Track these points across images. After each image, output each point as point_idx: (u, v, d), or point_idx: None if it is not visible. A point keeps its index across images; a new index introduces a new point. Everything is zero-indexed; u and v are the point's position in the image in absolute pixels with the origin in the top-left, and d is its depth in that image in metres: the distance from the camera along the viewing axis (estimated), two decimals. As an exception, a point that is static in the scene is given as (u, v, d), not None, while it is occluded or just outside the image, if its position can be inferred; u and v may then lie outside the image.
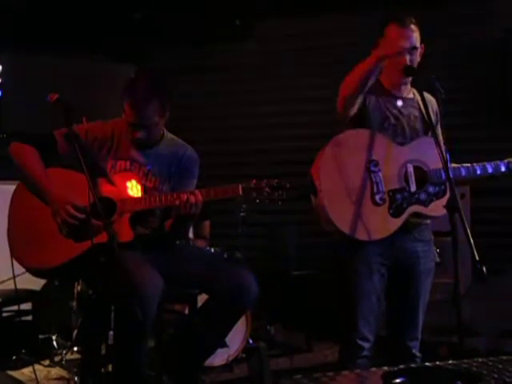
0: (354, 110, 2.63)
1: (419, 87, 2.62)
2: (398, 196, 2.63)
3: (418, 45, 2.64)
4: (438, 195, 2.66)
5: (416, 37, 2.63)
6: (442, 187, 2.65)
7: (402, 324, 2.74)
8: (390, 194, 2.63)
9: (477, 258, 2.09)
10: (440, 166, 2.52)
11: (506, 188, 5.00)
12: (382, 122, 2.68)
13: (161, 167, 2.88)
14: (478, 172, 2.73)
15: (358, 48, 5.18)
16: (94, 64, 5.31)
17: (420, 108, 2.73)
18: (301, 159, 2.78)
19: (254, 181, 2.68)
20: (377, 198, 2.61)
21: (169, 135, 2.96)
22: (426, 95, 2.60)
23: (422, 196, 2.65)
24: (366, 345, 2.65)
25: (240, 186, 2.66)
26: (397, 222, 2.62)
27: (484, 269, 2.09)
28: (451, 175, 2.32)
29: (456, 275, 2.24)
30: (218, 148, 5.54)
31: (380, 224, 2.61)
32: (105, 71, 5.27)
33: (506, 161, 2.78)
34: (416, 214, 2.66)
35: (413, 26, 2.62)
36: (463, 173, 2.71)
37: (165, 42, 5.66)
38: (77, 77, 5.00)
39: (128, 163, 2.82)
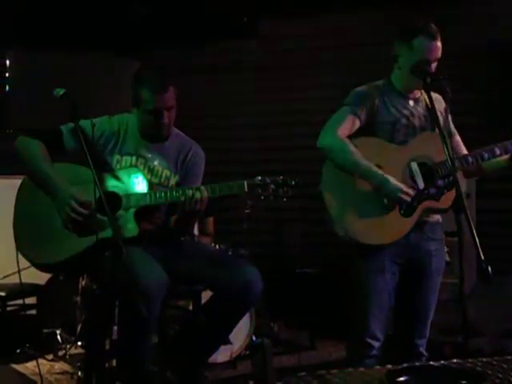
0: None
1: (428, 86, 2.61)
2: None
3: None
4: (448, 187, 2.62)
5: (440, 47, 2.61)
6: (451, 178, 2.59)
7: (411, 322, 2.73)
8: None
9: (482, 257, 2.09)
10: (444, 158, 2.50)
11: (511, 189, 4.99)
12: (393, 123, 2.66)
13: (167, 162, 2.87)
14: (486, 155, 2.63)
15: (358, 48, 5.25)
16: (96, 61, 5.31)
17: (427, 107, 2.72)
18: (303, 156, 2.78)
19: (260, 177, 2.67)
20: (384, 201, 2.60)
21: (175, 130, 2.95)
22: (433, 94, 2.58)
23: (432, 191, 2.63)
24: (376, 344, 2.64)
25: (245, 183, 2.66)
26: (410, 222, 2.61)
27: (490, 269, 2.08)
28: (458, 165, 2.28)
29: (461, 275, 2.23)
30: (220, 146, 5.53)
31: (393, 227, 2.60)
32: (107, 68, 5.28)
33: None
34: (429, 209, 2.64)
35: (439, 37, 2.59)
36: (470, 160, 2.63)
37: (166, 40, 5.65)
38: (79, 73, 5.00)
39: (134, 158, 2.82)
